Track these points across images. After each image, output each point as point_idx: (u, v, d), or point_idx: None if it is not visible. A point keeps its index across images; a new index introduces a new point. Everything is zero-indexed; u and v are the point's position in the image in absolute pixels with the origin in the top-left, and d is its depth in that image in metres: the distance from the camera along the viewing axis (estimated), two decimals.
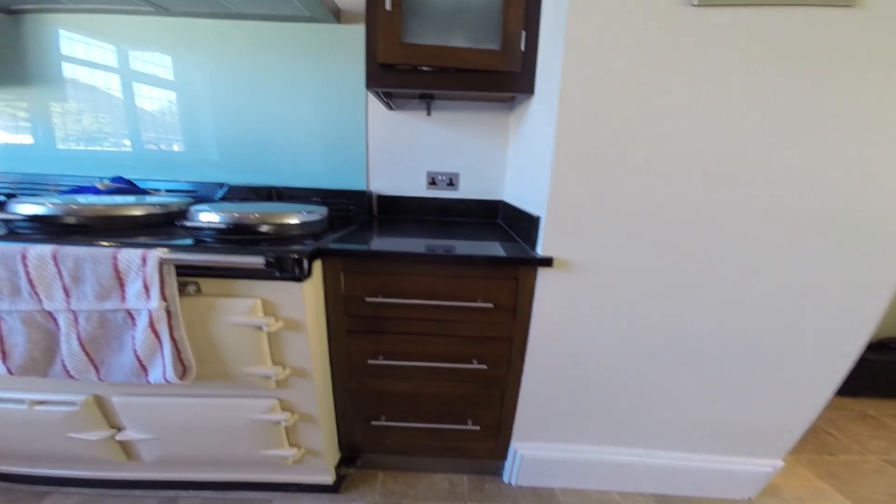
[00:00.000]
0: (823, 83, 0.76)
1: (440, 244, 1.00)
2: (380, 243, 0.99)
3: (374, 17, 1.00)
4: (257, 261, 0.74)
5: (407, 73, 1.05)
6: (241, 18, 1.29)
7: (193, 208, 0.97)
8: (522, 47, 1.01)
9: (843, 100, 0.76)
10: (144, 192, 1.24)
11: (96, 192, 1.16)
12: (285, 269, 0.78)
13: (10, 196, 1.23)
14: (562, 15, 0.78)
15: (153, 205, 1.00)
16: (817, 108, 0.77)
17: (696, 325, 0.94)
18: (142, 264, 0.72)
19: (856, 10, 0.72)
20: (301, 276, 0.79)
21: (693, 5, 0.74)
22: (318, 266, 0.88)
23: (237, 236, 0.88)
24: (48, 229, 0.86)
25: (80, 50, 1.32)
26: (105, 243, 0.77)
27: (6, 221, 0.85)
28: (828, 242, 0.85)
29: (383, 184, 1.43)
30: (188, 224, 0.86)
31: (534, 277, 0.90)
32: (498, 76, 1.04)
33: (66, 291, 0.74)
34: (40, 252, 0.71)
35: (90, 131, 1.38)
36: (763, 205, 0.83)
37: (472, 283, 0.90)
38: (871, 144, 0.78)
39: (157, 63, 1.33)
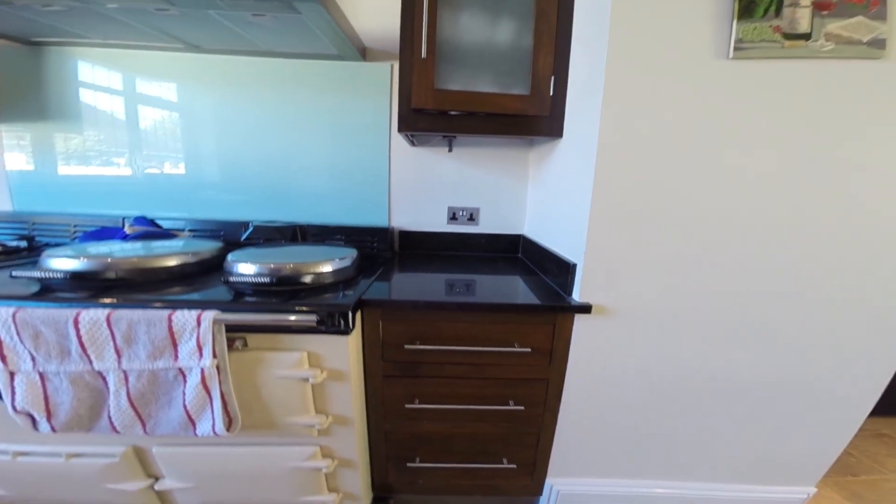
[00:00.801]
0: (857, 133, 0.82)
1: (468, 281, 1.05)
2: (410, 284, 1.04)
3: (408, 64, 1.06)
4: (309, 319, 0.78)
5: (438, 118, 1.10)
6: (269, 56, 1.34)
7: (231, 258, 1.00)
8: (552, 92, 1.07)
9: (878, 151, 0.83)
10: (170, 233, 1.28)
11: (123, 236, 1.19)
12: (333, 323, 0.82)
13: (30, 240, 1.26)
14: (599, 66, 0.83)
15: (186, 253, 1.04)
16: (850, 158, 0.83)
17: (732, 364, 0.99)
18: (196, 325, 0.76)
19: (883, 62, 0.79)
20: (347, 329, 0.83)
21: (728, 59, 0.80)
22: (358, 315, 0.92)
23: (275, 287, 0.92)
24: (84, 284, 0.89)
25: (101, 83, 1.36)
26: (157, 304, 0.80)
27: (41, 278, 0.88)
28: (860, 286, 0.91)
29: (405, 219, 1.48)
30: (231, 280, 0.89)
31: (571, 323, 0.95)
32: (527, 120, 1.09)
33: (118, 352, 0.77)
34: (93, 316, 0.75)
35: (109, 166, 1.41)
36: (794, 251, 0.89)
37: (508, 328, 0.95)
38: None
39: (181, 98, 1.38)
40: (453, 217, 1.48)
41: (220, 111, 1.38)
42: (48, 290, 0.84)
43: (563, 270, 1.01)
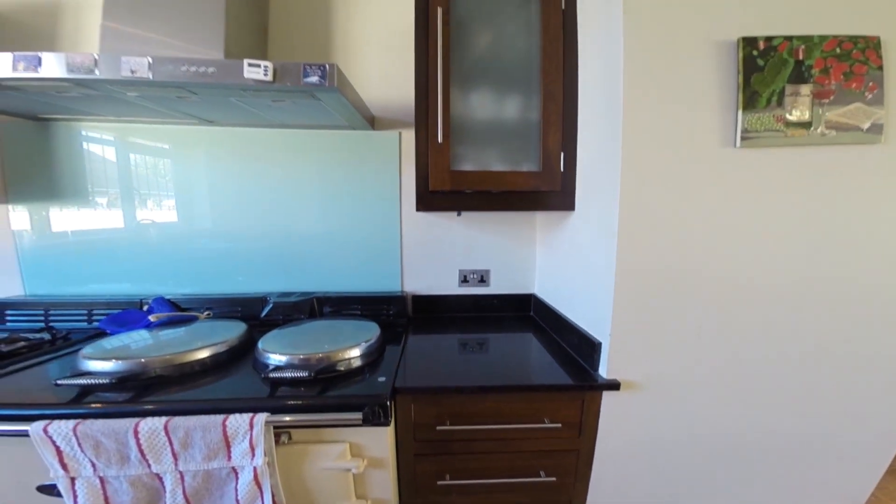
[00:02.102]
0: (861, 211, 0.98)
1: (489, 349, 1.17)
2: (434, 358, 1.18)
3: (424, 147, 1.20)
4: (355, 416, 0.89)
5: (454, 196, 1.24)
6: (280, 127, 1.48)
7: (262, 347, 1.11)
8: (562, 167, 1.22)
9: (882, 227, 0.99)
10: (192, 316, 1.37)
11: (147, 325, 1.28)
12: (374, 416, 0.93)
13: (49, 329, 1.34)
14: (615, 148, 0.97)
15: (216, 343, 1.14)
16: (857, 234, 0.99)
17: (762, 427, 1.11)
18: (249, 428, 0.86)
19: (883, 146, 0.96)
20: (387, 421, 0.94)
21: (736, 147, 0.95)
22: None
23: (306, 375, 1.00)
24: (126, 385, 0.97)
25: (111, 157, 1.48)
26: (211, 408, 0.90)
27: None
28: (871, 349, 1.06)
29: (417, 283, 1.61)
30: (270, 376, 1.00)
31: (600, 398, 1.06)
32: (539, 195, 1.24)
33: (175, 456, 0.86)
34: (152, 426, 0.84)
35: (121, 242, 1.51)
36: (808, 319, 1.03)
37: (537, 405, 1.06)
38: None
39: (192, 170, 1.50)
40: (464, 280, 1.61)
41: (232, 182, 1.51)
42: (91, 393, 0.94)
43: (587, 345, 1.13)
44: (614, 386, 1.04)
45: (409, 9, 1.46)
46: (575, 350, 1.22)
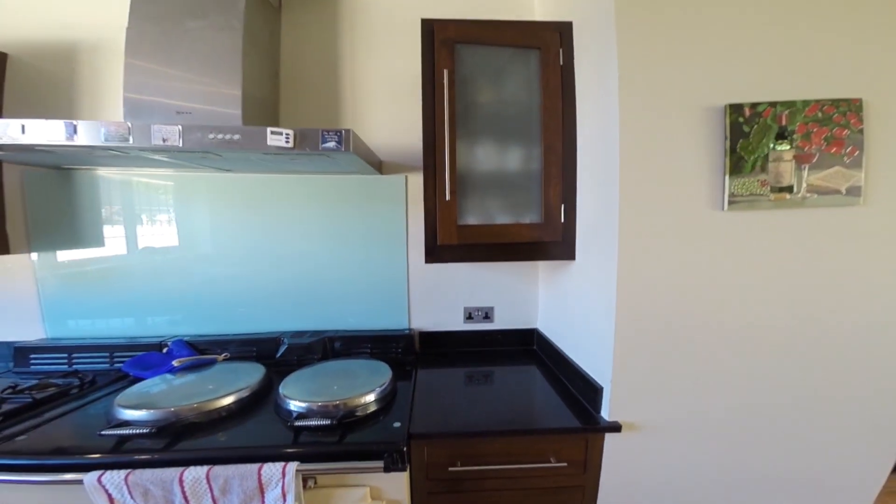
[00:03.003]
0: (843, 267, 1.11)
1: (496, 387, 1.30)
2: (444, 399, 1.30)
3: (432, 203, 1.33)
4: (376, 464, 1.02)
5: (461, 249, 1.36)
6: (293, 174, 1.61)
7: (283, 393, 1.23)
8: (563, 219, 1.35)
9: (863, 280, 1.12)
10: (212, 359, 1.50)
11: (171, 369, 1.40)
12: (393, 462, 1.05)
13: (76, 374, 1.46)
14: (612, 209, 1.10)
15: (240, 389, 1.26)
16: (835, 286, 1.12)
17: (758, 467, 1.22)
18: (281, 476, 0.98)
19: (861, 207, 1.09)
20: (404, 467, 1.06)
21: (723, 210, 1.08)
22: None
23: (329, 423, 1.12)
24: (162, 432, 1.09)
25: (130, 202, 1.61)
26: (248, 457, 1.03)
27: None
28: (857, 391, 1.18)
29: (424, 320, 1.74)
30: (295, 425, 1.12)
31: (602, 438, 1.18)
32: (541, 245, 1.37)
33: (215, 501, 0.98)
34: (195, 475, 0.96)
35: (139, 284, 1.64)
36: (799, 364, 1.16)
37: (544, 445, 1.18)
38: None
39: (208, 214, 1.63)
40: (469, 316, 1.74)
41: (245, 225, 1.64)
42: (130, 441, 1.06)
43: (589, 389, 1.25)
44: (616, 428, 1.16)
45: (412, 59, 1.59)
46: (578, 391, 1.34)
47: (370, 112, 1.67)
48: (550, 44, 1.34)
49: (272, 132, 1.15)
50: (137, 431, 1.07)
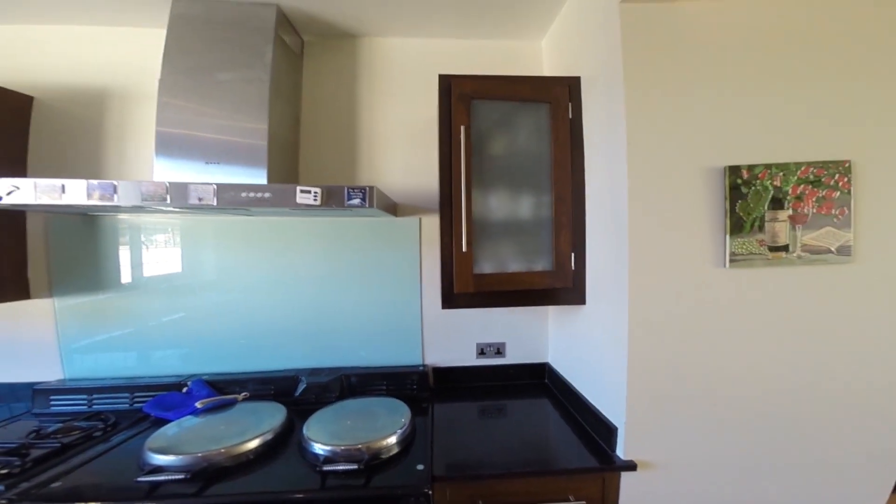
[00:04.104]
0: (834, 319, 1.21)
1: (510, 422, 1.37)
2: (462, 437, 1.37)
3: (449, 253, 1.40)
4: None
5: (476, 296, 1.43)
6: (309, 216, 1.68)
7: (306, 435, 1.29)
8: (573, 266, 1.43)
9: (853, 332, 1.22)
10: (232, 399, 1.55)
11: (194, 410, 1.45)
12: None
13: (101, 416, 1.50)
14: (622, 265, 1.19)
15: (264, 432, 1.31)
16: (831, 336, 1.21)
17: (777, 496, 1.28)
18: None
19: (850, 265, 1.19)
20: None
21: (725, 268, 1.18)
22: None
23: (355, 468, 1.16)
24: (196, 477, 1.13)
25: (149, 244, 1.68)
26: None
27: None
28: (857, 424, 1.26)
29: (437, 356, 1.80)
30: (324, 469, 1.17)
31: (618, 477, 1.24)
32: (552, 291, 1.45)
33: None
34: None
35: (156, 324, 1.69)
36: (800, 403, 1.24)
37: (563, 483, 1.23)
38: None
39: (226, 254, 1.70)
40: (482, 352, 1.82)
41: (262, 265, 1.71)
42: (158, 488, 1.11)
43: (604, 428, 1.30)
44: (631, 467, 1.22)
45: (425, 105, 1.72)
46: (592, 428, 1.41)
47: (385, 154, 1.77)
48: (560, 98, 1.45)
49: (301, 190, 1.22)
50: (172, 478, 1.11)
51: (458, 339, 1.81)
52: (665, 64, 1.18)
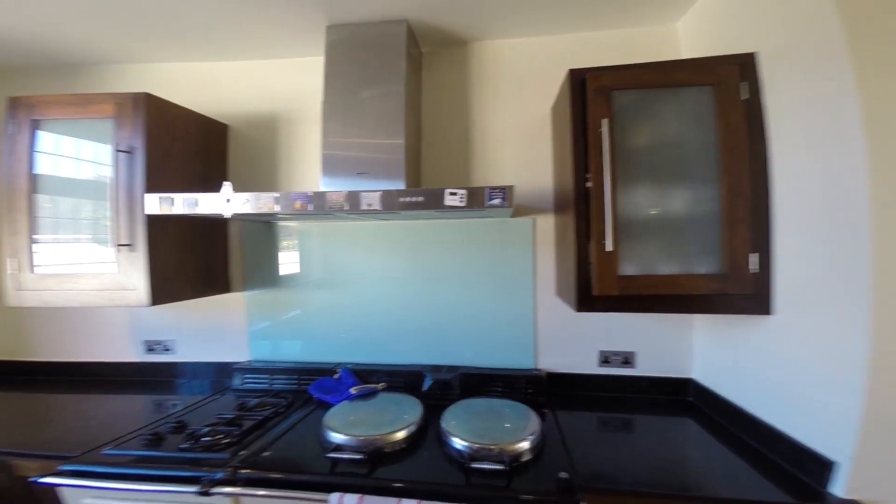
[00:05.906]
0: None
1: (654, 438, 1.39)
2: (601, 449, 1.36)
3: (584, 252, 1.35)
4: None
5: (619, 299, 1.33)
6: (429, 219, 1.81)
7: (444, 427, 1.39)
8: (756, 268, 1.24)
9: None
10: (374, 388, 1.76)
11: (349, 396, 1.68)
12: None
13: (282, 394, 1.81)
14: (859, 272, 0.98)
15: (410, 424, 1.44)
16: None
17: None
18: None
19: None
20: None
21: None
22: None
23: (500, 466, 1.22)
24: (367, 460, 1.28)
25: (313, 249, 1.98)
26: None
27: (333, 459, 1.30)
28: None
29: (550, 361, 1.80)
30: (471, 466, 1.24)
31: None
32: (718, 297, 1.27)
33: None
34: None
35: (313, 316, 2.00)
36: None
37: None
38: None
39: (365, 258, 1.93)
40: (606, 360, 1.75)
41: (393, 267, 1.90)
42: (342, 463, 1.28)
43: (808, 459, 1.11)
44: None
45: (537, 105, 1.76)
46: (784, 459, 1.21)
47: (499, 154, 1.82)
48: (728, 78, 1.29)
49: (450, 193, 1.29)
50: (352, 457, 1.29)
51: (575, 344, 1.78)
52: None
